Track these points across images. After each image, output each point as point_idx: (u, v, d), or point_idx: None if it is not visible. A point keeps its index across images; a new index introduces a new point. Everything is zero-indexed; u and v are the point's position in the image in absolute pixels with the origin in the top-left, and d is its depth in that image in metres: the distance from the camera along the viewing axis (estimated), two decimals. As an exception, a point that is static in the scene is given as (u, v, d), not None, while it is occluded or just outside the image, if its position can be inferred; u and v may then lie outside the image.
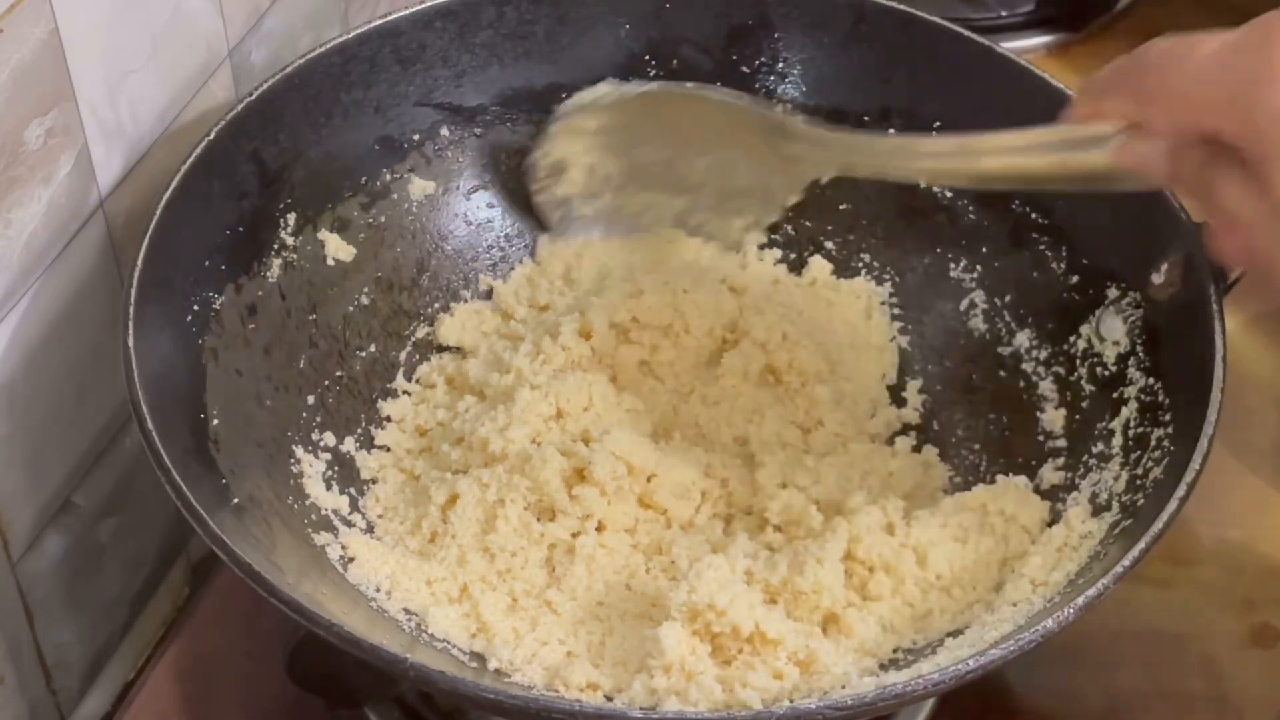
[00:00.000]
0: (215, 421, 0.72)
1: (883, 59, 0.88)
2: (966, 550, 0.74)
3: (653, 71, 0.89)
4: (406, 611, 0.73)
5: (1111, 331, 0.78)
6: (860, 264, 0.89)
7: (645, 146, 0.87)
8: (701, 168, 0.87)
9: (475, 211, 0.89)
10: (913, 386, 0.86)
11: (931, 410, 0.85)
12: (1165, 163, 0.63)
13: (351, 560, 0.74)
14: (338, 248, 0.83)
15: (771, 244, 0.90)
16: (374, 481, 0.80)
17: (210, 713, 0.80)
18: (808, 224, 0.90)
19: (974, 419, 0.84)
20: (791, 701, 0.66)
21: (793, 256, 0.90)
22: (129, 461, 0.80)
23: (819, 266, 0.89)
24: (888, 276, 0.88)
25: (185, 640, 0.82)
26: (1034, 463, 0.79)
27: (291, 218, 0.81)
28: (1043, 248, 0.83)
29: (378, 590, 0.73)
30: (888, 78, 0.88)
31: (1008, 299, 0.85)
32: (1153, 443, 0.72)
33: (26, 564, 0.74)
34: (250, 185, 0.79)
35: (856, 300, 0.88)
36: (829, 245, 0.89)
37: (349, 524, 0.77)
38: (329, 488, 0.77)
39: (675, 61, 0.89)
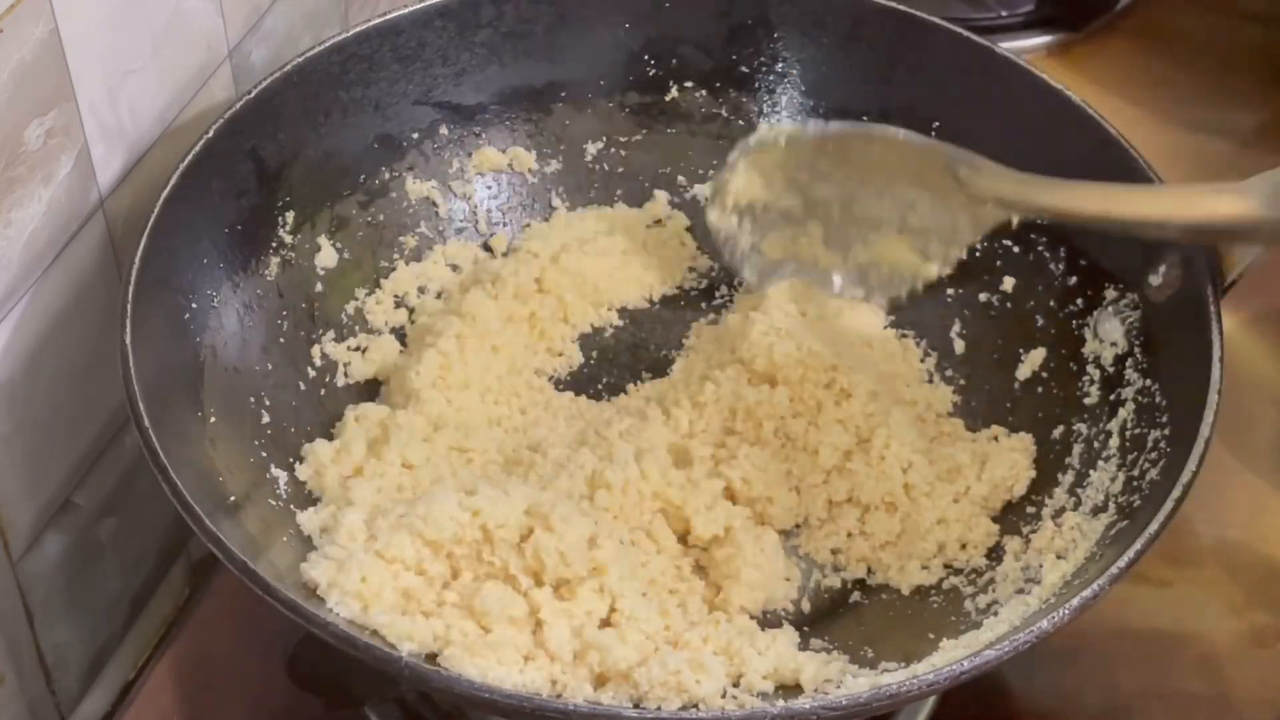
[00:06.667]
0: (213, 420, 0.72)
1: (883, 59, 0.88)
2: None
3: (652, 71, 0.90)
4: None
5: (1109, 333, 0.78)
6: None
7: (824, 184, 0.84)
8: (881, 206, 0.83)
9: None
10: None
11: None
12: None
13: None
14: (333, 254, 0.84)
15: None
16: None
17: (210, 713, 0.80)
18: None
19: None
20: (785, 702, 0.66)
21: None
22: (129, 461, 0.80)
23: None
24: None
25: (185, 640, 0.83)
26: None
27: (290, 216, 0.81)
28: (1041, 248, 0.83)
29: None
30: (888, 78, 0.88)
31: (1006, 299, 0.85)
32: (1150, 444, 0.72)
33: (26, 564, 0.74)
34: (249, 183, 0.79)
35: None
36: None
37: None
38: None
39: (674, 61, 0.89)
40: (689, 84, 0.90)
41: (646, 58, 0.90)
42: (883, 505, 0.77)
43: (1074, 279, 0.81)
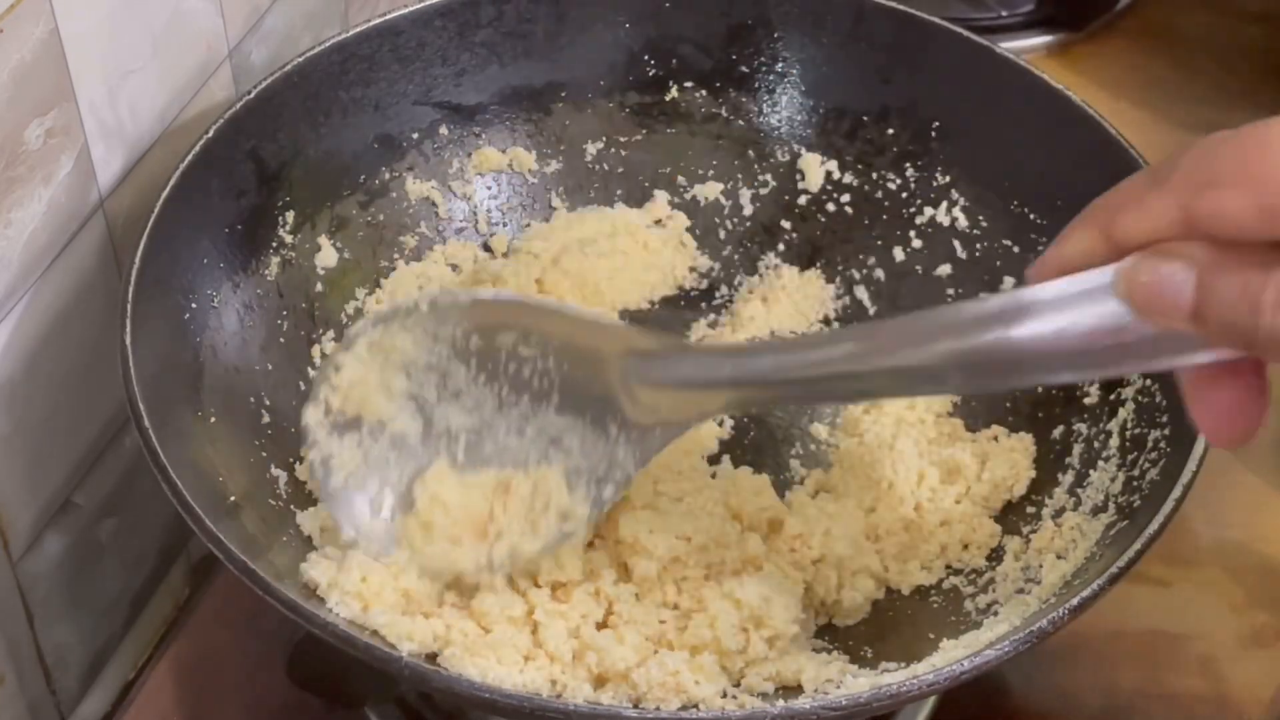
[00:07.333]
0: (213, 420, 0.72)
1: (883, 59, 0.87)
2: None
3: (652, 71, 0.90)
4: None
5: (1109, 333, 0.78)
6: (838, 262, 0.89)
7: (452, 407, 0.68)
8: (519, 445, 0.68)
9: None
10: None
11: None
12: (1190, 288, 0.48)
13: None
14: (333, 254, 0.83)
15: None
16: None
17: (210, 713, 0.80)
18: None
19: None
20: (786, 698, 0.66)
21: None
22: (129, 461, 0.80)
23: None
24: (865, 272, 0.88)
25: (185, 640, 0.83)
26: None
27: (290, 216, 0.81)
28: (1041, 249, 0.82)
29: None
30: (888, 78, 0.88)
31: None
32: (1150, 444, 0.72)
33: (26, 564, 0.74)
34: (249, 183, 0.79)
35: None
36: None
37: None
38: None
39: (674, 61, 0.89)
40: (689, 84, 0.90)
41: (646, 58, 0.89)
42: (899, 526, 0.78)
43: (1074, 279, 0.81)
